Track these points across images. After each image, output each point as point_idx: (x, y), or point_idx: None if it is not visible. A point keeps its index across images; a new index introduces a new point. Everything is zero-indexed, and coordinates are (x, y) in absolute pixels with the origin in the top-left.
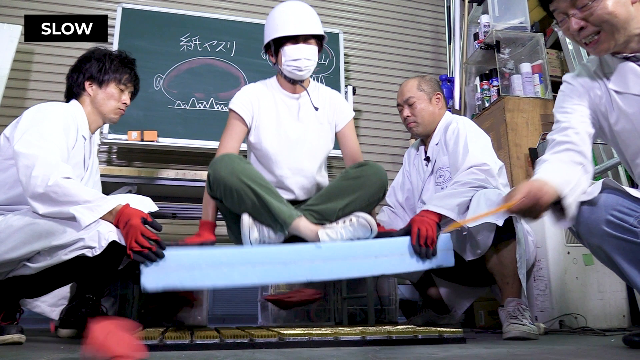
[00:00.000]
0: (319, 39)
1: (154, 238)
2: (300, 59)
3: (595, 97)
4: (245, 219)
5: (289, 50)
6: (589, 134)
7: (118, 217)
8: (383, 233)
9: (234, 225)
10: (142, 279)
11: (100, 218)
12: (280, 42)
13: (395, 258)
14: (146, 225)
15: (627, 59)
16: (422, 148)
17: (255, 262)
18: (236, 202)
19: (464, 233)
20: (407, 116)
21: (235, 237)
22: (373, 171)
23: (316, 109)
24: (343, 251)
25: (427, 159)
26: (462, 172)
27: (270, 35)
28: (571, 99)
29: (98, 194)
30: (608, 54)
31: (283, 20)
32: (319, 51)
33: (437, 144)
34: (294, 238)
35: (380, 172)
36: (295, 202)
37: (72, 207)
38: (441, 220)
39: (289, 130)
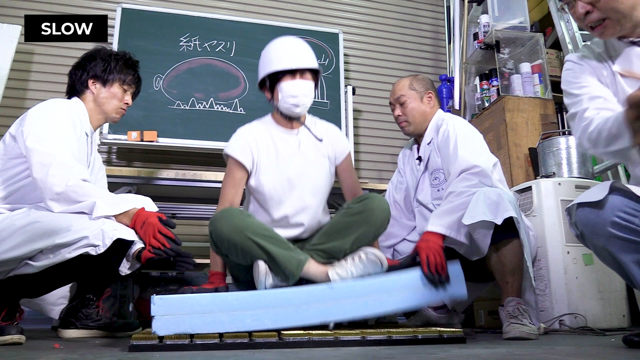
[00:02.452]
0: (314, 73)
1: (170, 235)
2: (298, 95)
3: (601, 77)
4: (262, 265)
5: (285, 87)
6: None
7: (135, 219)
8: (392, 266)
9: (243, 275)
10: (154, 326)
11: (116, 218)
12: (276, 78)
13: (408, 292)
14: (162, 224)
15: (633, 43)
16: (415, 147)
17: (268, 306)
18: (241, 256)
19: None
20: (398, 115)
21: (245, 287)
22: (376, 204)
23: (320, 140)
24: (355, 290)
25: (419, 158)
26: (454, 180)
27: (265, 70)
28: (583, 74)
29: (115, 196)
30: (614, 38)
31: (278, 55)
32: (315, 86)
33: (429, 144)
34: (305, 279)
35: (383, 204)
36: (298, 240)
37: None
38: (445, 239)
39: (290, 168)
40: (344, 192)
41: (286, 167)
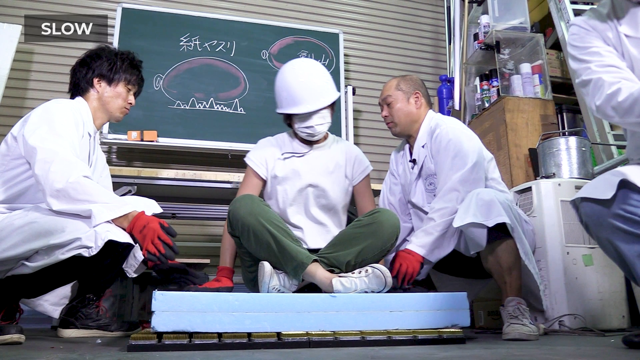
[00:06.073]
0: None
1: (168, 242)
2: (313, 126)
3: (607, 39)
4: (267, 266)
5: (300, 122)
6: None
7: (134, 223)
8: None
9: (251, 267)
10: (154, 321)
11: (114, 221)
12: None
13: (410, 314)
14: (162, 230)
15: None
16: (407, 147)
17: (268, 310)
18: (252, 242)
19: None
20: (385, 116)
21: (250, 280)
22: (385, 218)
23: (332, 167)
24: (358, 303)
25: (413, 161)
26: (440, 194)
27: (280, 105)
28: (590, 39)
29: (116, 197)
30: None
31: (293, 92)
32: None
33: (423, 146)
34: (308, 288)
35: (393, 219)
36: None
37: (90, 204)
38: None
39: (305, 183)
40: (359, 213)
41: (300, 183)
